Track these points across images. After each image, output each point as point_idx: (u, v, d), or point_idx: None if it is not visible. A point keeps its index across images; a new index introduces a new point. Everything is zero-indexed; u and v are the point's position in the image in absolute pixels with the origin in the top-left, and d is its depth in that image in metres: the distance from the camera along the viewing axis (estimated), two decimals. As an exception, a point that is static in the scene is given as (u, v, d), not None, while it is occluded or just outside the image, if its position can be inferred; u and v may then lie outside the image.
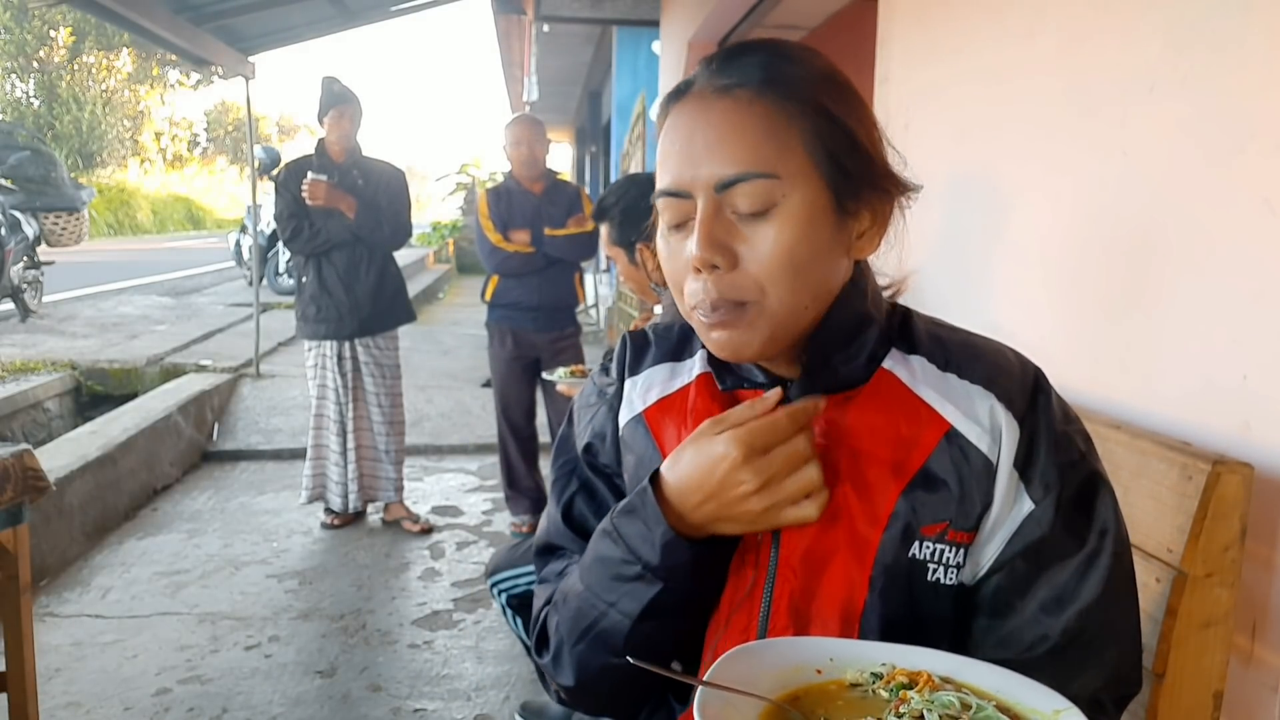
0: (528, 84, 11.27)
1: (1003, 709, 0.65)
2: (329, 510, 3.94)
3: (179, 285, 11.67)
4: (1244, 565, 1.07)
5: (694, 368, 0.89)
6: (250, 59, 5.78)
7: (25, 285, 7.99)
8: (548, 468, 1.37)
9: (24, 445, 1.91)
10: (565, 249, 3.71)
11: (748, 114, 0.74)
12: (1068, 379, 1.49)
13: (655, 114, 0.83)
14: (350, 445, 3.83)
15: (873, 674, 0.70)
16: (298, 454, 4.56)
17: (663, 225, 0.81)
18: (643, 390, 0.91)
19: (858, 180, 0.77)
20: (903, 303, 0.89)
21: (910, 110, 2.14)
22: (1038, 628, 0.77)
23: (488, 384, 5.13)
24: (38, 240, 8.52)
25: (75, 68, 25.69)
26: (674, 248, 0.79)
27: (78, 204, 9.05)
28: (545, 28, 8.20)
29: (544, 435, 3.88)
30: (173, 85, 29.82)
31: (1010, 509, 0.77)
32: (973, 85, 1.88)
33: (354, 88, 3.71)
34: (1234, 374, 1.15)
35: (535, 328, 3.76)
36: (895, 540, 0.77)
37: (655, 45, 7.14)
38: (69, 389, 5.76)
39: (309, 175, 3.59)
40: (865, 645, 0.73)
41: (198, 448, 4.98)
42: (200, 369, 6.00)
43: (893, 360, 0.82)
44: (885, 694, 0.67)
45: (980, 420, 0.78)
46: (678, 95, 0.79)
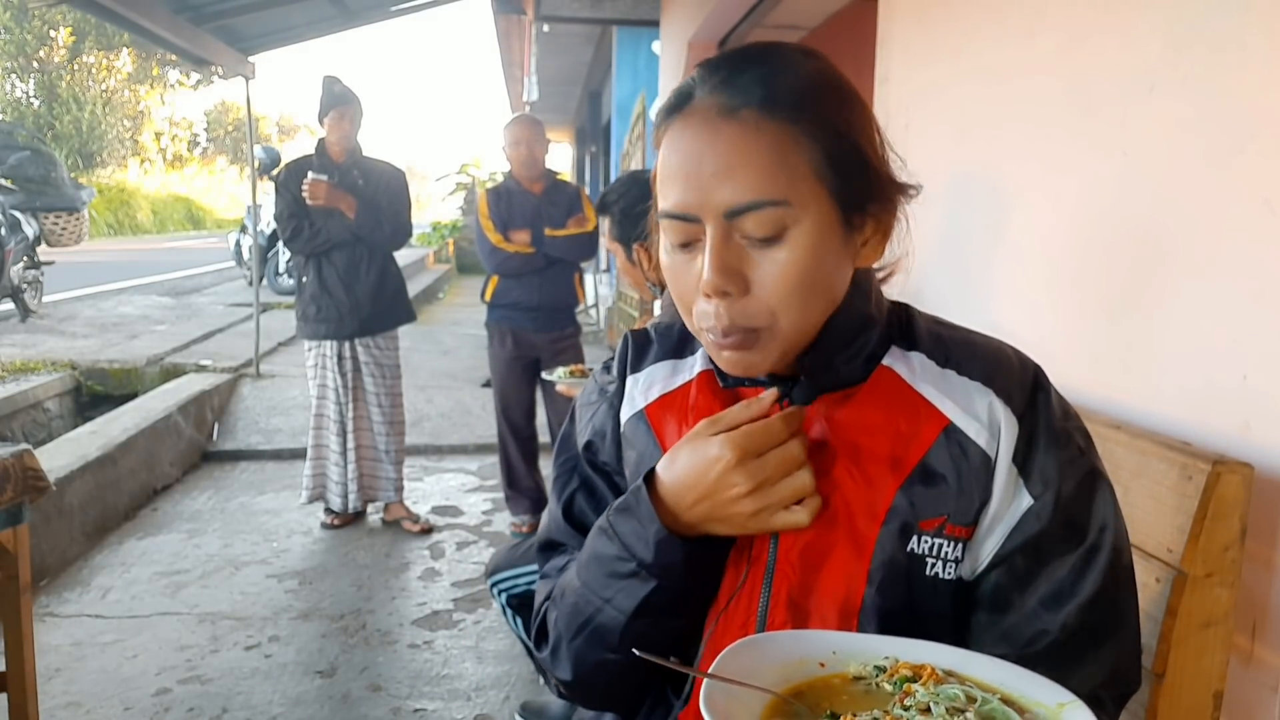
0: (528, 84, 11.27)
1: (1007, 702, 0.65)
2: (329, 510, 3.94)
3: (179, 285, 11.68)
4: (1244, 565, 1.07)
5: (695, 365, 0.90)
6: (250, 59, 5.78)
7: (25, 285, 7.99)
8: (548, 468, 1.37)
9: (24, 445, 1.91)
10: (565, 249, 3.70)
11: (756, 140, 0.73)
12: (1068, 379, 1.49)
13: (654, 119, 0.82)
14: (350, 445, 3.83)
15: (876, 667, 0.70)
16: (298, 454, 4.56)
17: (666, 241, 0.80)
18: (644, 387, 0.91)
19: (863, 194, 0.77)
20: (903, 301, 0.89)
21: (910, 110, 2.14)
22: (1037, 623, 0.77)
23: (488, 384, 5.13)
24: (38, 240, 8.52)
25: (75, 68, 25.70)
26: (680, 267, 0.78)
27: (78, 204, 9.05)
28: (545, 28, 8.21)
29: (544, 435, 3.88)
30: (173, 85, 29.84)
31: (1009, 504, 0.77)
32: (973, 85, 1.88)
33: (354, 88, 3.71)
34: (1234, 374, 1.15)
35: (535, 328, 3.76)
36: (894, 535, 0.77)
37: (655, 45, 7.14)
38: (69, 389, 5.76)
39: (309, 175, 3.59)
40: (868, 638, 0.73)
41: (198, 448, 4.98)
42: (200, 369, 6.00)
43: (893, 357, 0.82)
44: (889, 687, 0.67)
45: (979, 416, 0.78)
46: (678, 108, 0.77)
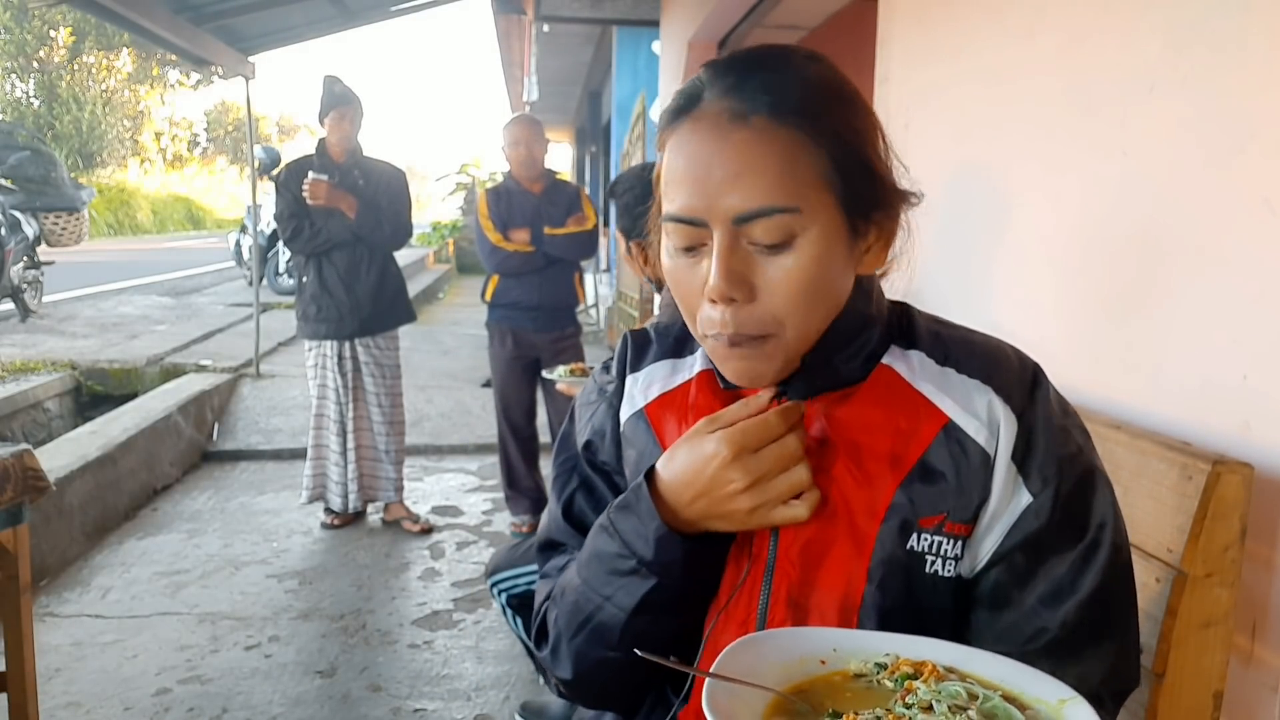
0: (528, 84, 11.28)
1: (1008, 699, 0.65)
2: (329, 510, 3.94)
3: (179, 285, 11.68)
4: (1244, 565, 1.07)
5: (695, 364, 0.90)
6: (250, 59, 5.79)
7: (25, 285, 7.99)
8: (548, 468, 1.37)
9: (24, 445, 1.91)
10: (565, 248, 3.70)
11: (767, 146, 0.73)
12: (1068, 379, 1.49)
13: (657, 121, 0.82)
14: (350, 445, 3.83)
15: (877, 664, 0.70)
16: (298, 454, 4.56)
17: (669, 244, 0.79)
18: (644, 386, 0.91)
19: (868, 202, 0.77)
20: (903, 300, 0.89)
21: (910, 110, 2.14)
22: (1036, 620, 0.77)
23: (488, 384, 5.13)
24: (38, 240, 8.52)
25: (75, 68, 25.70)
26: (684, 271, 0.78)
27: (78, 204, 9.06)
28: (545, 28, 8.21)
29: (544, 435, 3.88)
30: (173, 85, 29.84)
31: (1008, 502, 0.77)
32: (973, 85, 1.88)
33: (354, 88, 3.71)
34: (1234, 374, 1.15)
35: (535, 327, 3.76)
36: (893, 532, 0.77)
37: (655, 45, 7.14)
38: (69, 389, 5.76)
39: (310, 175, 3.59)
40: (869, 636, 0.73)
41: (198, 448, 4.98)
42: (200, 369, 6.00)
43: (892, 356, 0.83)
44: (890, 685, 0.67)
45: (978, 414, 0.78)
46: (685, 110, 0.77)
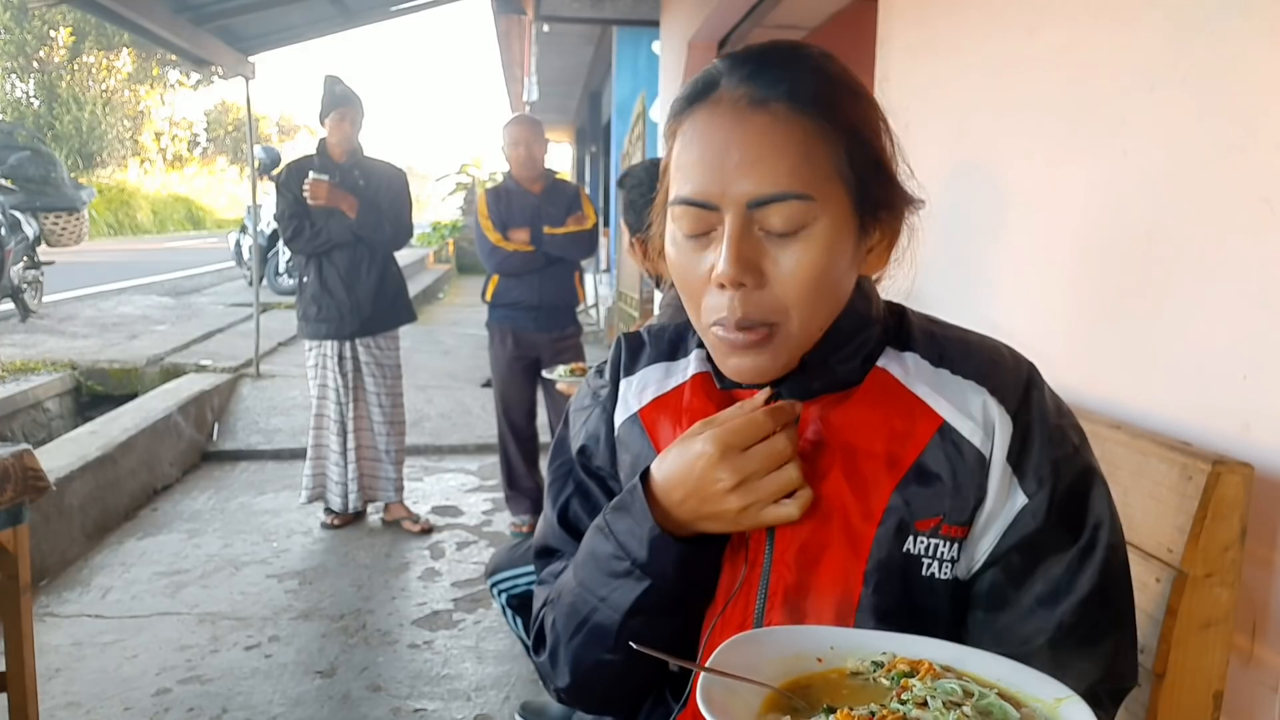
0: (528, 84, 11.27)
1: (1004, 697, 0.65)
2: (329, 510, 3.94)
3: (179, 285, 11.68)
4: (1244, 565, 1.07)
5: (689, 367, 0.89)
6: (250, 59, 5.78)
7: (25, 285, 7.99)
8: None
9: (24, 445, 1.91)
10: (565, 247, 3.70)
11: (786, 132, 0.73)
12: (1068, 379, 1.49)
13: (667, 111, 0.82)
14: (350, 445, 3.83)
15: (874, 662, 0.70)
16: (298, 454, 4.56)
17: (675, 230, 0.78)
18: (638, 390, 0.91)
19: (878, 200, 0.77)
20: (901, 300, 0.89)
21: (910, 109, 2.14)
22: (1033, 621, 0.77)
23: (488, 384, 5.13)
24: (38, 240, 8.52)
25: (75, 68, 25.70)
26: (690, 258, 0.77)
27: (78, 204, 9.06)
28: (545, 28, 8.20)
29: (544, 435, 3.87)
30: (173, 85, 29.84)
31: (1004, 503, 0.77)
32: (973, 84, 1.88)
33: (355, 88, 3.71)
34: (1234, 374, 1.15)
35: (536, 327, 3.76)
36: (890, 535, 0.77)
37: (655, 45, 7.14)
38: (69, 389, 5.76)
39: (311, 175, 3.59)
40: (866, 634, 0.73)
41: (198, 448, 4.98)
42: (200, 369, 6.00)
43: (887, 358, 0.82)
44: (886, 682, 0.68)
45: (973, 415, 0.78)
46: (701, 96, 0.77)
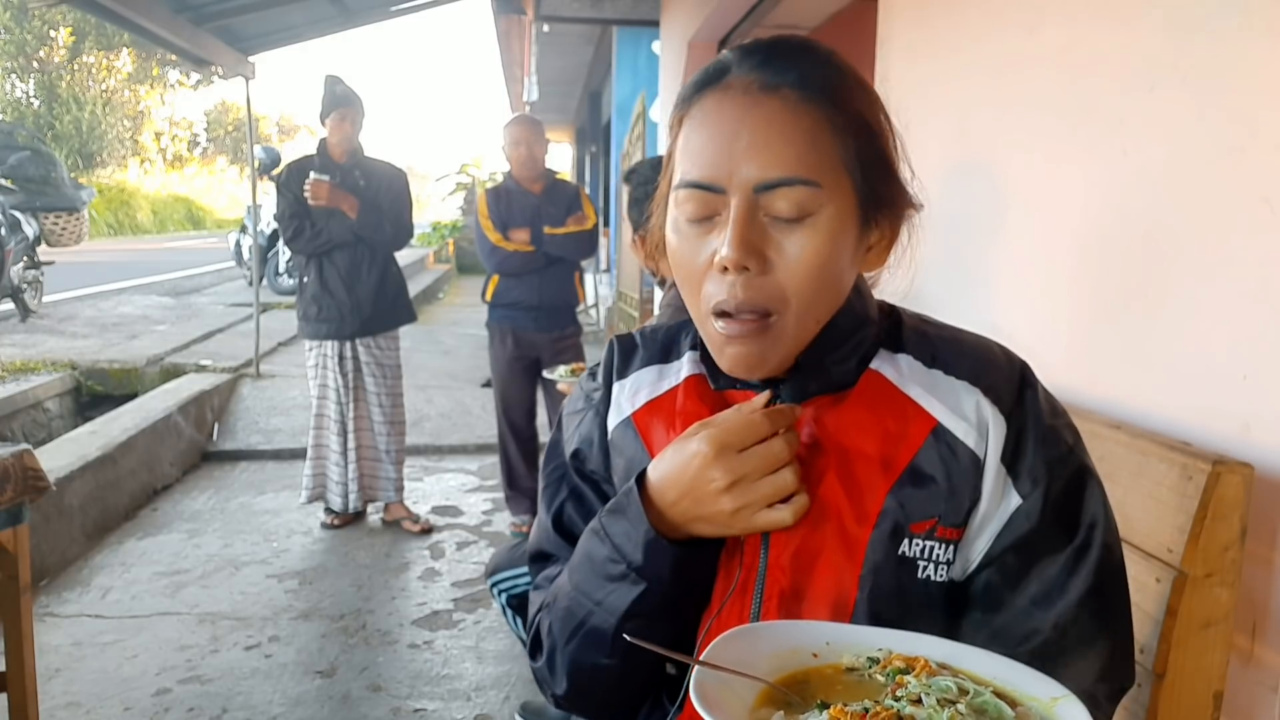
0: (528, 84, 11.27)
1: (1000, 695, 0.65)
2: (329, 510, 3.94)
3: (179, 285, 11.68)
4: (1244, 565, 1.07)
5: (682, 370, 0.88)
6: (250, 59, 5.78)
7: (25, 285, 7.99)
8: (548, 468, 1.37)
9: (24, 445, 1.91)
10: (564, 247, 3.70)
11: (795, 118, 0.73)
12: (1068, 379, 1.49)
13: (671, 105, 0.82)
14: (351, 445, 3.83)
15: (869, 659, 0.70)
16: (298, 454, 4.56)
17: (677, 216, 0.78)
18: (631, 393, 0.90)
19: (881, 197, 0.77)
20: (900, 301, 0.89)
21: (910, 109, 2.14)
22: (1029, 622, 0.76)
23: (488, 384, 5.13)
24: (38, 240, 8.52)
25: (75, 68, 25.70)
26: (691, 243, 0.77)
27: (78, 204, 9.06)
28: (545, 28, 8.20)
29: (544, 435, 3.88)
30: (173, 85, 29.83)
31: (998, 504, 0.77)
32: (973, 84, 1.88)
33: (355, 88, 3.71)
34: (1234, 374, 1.15)
35: (536, 327, 3.76)
36: (885, 538, 0.76)
37: (655, 45, 7.14)
38: (69, 389, 5.75)
39: (311, 175, 3.59)
40: (861, 630, 0.73)
41: (198, 448, 4.98)
42: (200, 369, 6.00)
43: (880, 360, 0.82)
44: (882, 678, 0.67)
45: (967, 416, 0.77)
46: (711, 82, 0.77)
